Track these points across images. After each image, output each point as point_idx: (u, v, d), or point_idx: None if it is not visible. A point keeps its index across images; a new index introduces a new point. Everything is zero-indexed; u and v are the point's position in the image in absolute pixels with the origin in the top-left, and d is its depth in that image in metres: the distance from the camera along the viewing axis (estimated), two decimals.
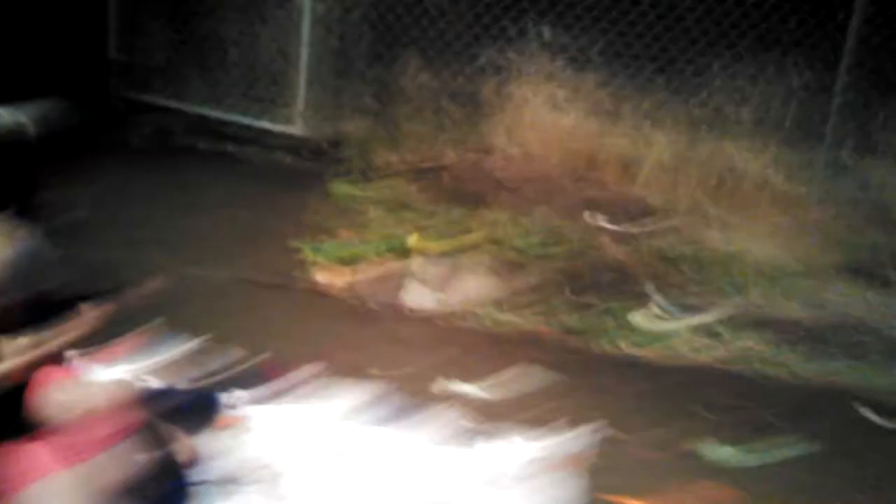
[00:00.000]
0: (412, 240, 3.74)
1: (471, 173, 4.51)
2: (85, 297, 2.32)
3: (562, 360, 3.16)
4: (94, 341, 2.22)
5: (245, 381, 2.81)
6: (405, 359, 3.07)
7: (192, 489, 2.30)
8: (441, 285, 3.51)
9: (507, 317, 3.38)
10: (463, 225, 3.96)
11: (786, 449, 2.69)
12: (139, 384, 2.50)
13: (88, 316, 2.16)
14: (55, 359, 2.02)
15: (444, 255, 3.64)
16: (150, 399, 2.57)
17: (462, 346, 3.21)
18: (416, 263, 3.57)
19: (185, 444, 2.34)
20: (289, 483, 2.37)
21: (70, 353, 1.99)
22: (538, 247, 3.84)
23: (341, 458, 2.50)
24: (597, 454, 2.53)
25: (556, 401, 2.89)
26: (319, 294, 3.46)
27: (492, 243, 3.83)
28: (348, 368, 2.97)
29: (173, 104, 5.07)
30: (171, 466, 2.31)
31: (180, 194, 4.31)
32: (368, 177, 4.47)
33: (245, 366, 2.92)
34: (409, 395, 2.86)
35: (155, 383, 2.71)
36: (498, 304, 3.44)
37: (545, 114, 4.72)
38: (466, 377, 2.97)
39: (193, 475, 2.35)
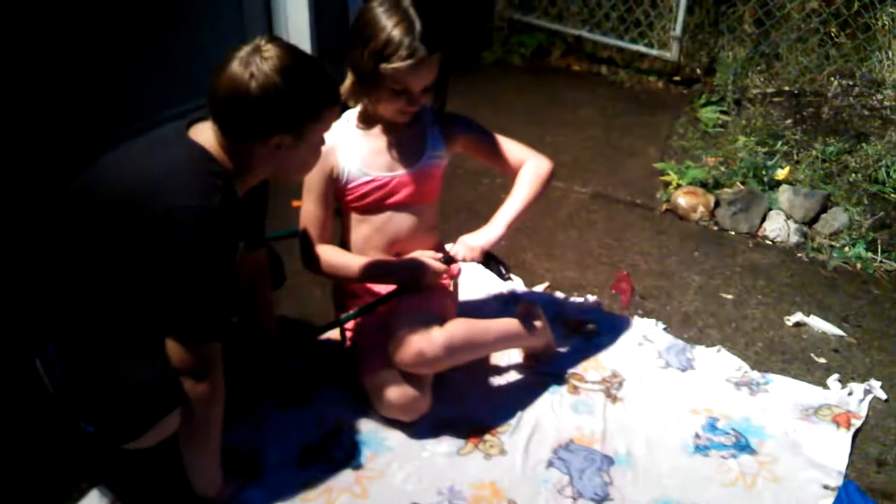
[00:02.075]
0: (782, 172, 3.61)
1: (854, 107, 4.20)
2: None
3: None
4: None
5: (597, 291, 2.98)
6: (760, 287, 3.04)
7: (542, 378, 2.53)
8: (807, 219, 3.37)
9: (879, 259, 3.18)
10: (840, 160, 3.73)
11: None
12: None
13: None
14: None
15: (814, 189, 3.47)
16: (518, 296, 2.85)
17: (823, 282, 3.08)
18: (782, 194, 3.45)
19: (546, 337, 2.56)
20: (628, 387, 2.51)
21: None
22: None
23: (676, 374, 2.58)
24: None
25: None
26: (679, 217, 3.50)
27: (871, 182, 3.57)
28: (700, 290, 3.01)
29: (553, 26, 5.25)
30: None
31: (552, 112, 4.53)
32: (740, 105, 4.35)
33: (599, 277, 3.09)
34: (761, 322, 2.84)
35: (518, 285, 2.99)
36: (871, 245, 3.23)
37: None
38: (825, 314, 2.88)
39: (548, 367, 2.57)
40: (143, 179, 1.72)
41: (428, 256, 2.29)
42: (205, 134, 1.79)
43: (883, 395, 2.49)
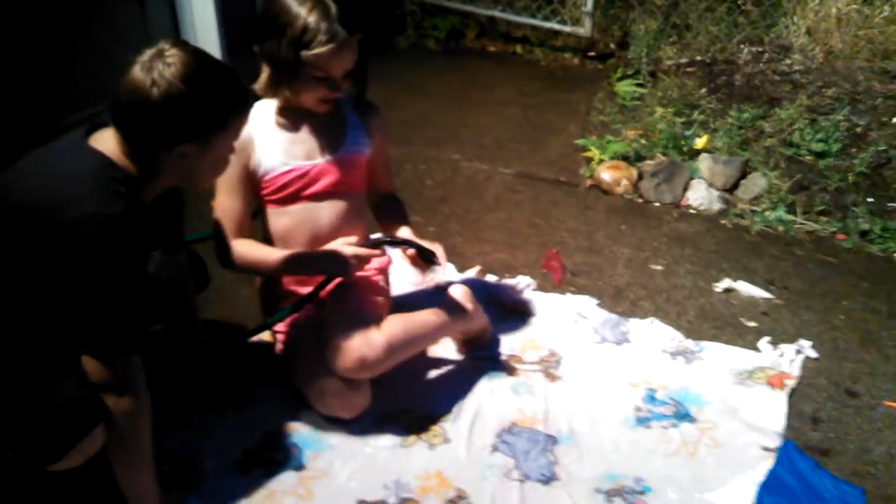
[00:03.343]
0: (700, 141, 3.66)
1: (766, 73, 4.28)
2: None
3: (861, 268, 3.01)
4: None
5: (528, 271, 2.97)
6: (688, 256, 3.07)
7: (480, 362, 2.51)
8: (728, 185, 3.42)
9: (799, 221, 3.25)
10: (755, 126, 3.80)
11: None
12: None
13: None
14: None
15: (732, 156, 3.53)
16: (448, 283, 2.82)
17: (748, 247, 3.14)
18: (702, 163, 3.50)
19: (481, 321, 2.53)
20: (566, 365, 2.51)
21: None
22: (838, 151, 3.61)
23: (612, 348, 2.59)
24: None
25: (843, 313, 2.78)
26: (603, 191, 3.52)
27: (786, 146, 3.66)
28: (629, 263, 3.03)
29: (466, 7, 5.22)
30: None
31: (470, 94, 4.50)
32: (656, 77, 4.40)
33: (529, 257, 3.08)
34: (691, 290, 2.88)
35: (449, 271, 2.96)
36: (790, 207, 3.30)
37: (854, 9, 4.34)
38: (751, 278, 2.93)
39: (485, 351, 2.55)
40: (42, 192, 1.63)
41: (348, 242, 2.22)
42: (107, 140, 1.69)
43: (813, 354, 2.54)
